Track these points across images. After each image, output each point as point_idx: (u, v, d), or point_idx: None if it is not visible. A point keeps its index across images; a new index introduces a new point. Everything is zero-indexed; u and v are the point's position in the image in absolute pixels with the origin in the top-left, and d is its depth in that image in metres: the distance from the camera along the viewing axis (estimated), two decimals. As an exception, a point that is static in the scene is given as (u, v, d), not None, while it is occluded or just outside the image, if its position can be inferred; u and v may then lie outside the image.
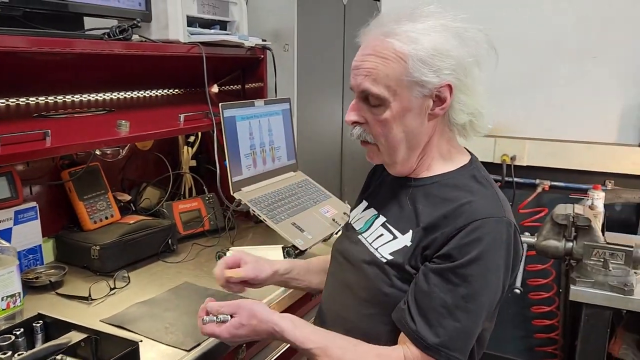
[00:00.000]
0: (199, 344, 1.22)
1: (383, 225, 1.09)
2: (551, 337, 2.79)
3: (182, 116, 1.61)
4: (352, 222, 1.20)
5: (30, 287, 1.49)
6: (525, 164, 2.74)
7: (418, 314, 0.96)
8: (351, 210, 1.25)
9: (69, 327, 1.10)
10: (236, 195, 1.71)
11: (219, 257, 1.68)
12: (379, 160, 1.09)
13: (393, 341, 1.02)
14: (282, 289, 1.46)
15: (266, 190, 1.83)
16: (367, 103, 1.02)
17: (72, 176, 1.71)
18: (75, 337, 1.07)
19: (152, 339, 1.24)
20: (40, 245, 1.62)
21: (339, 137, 2.81)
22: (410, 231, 1.02)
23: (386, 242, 1.06)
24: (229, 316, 1.06)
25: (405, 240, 1.03)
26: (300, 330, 1.03)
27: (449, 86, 0.98)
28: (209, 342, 1.23)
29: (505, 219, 0.97)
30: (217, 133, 1.73)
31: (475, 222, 0.94)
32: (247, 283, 1.24)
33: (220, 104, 1.69)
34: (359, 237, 1.13)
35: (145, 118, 1.64)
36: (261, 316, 1.04)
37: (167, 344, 1.22)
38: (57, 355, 1.04)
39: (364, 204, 1.20)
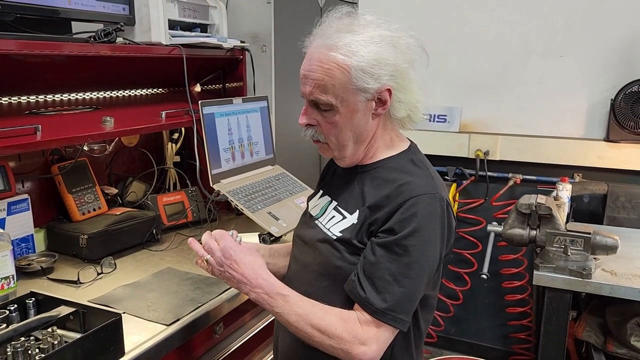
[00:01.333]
0: (178, 319, 1.34)
1: (335, 208, 1.22)
2: (524, 324, 2.92)
3: (163, 113, 1.73)
4: (310, 210, 1.32)
5: (23, 272, 1.60)
6: (498, 159, 2.86)
7: (367, 282, 1.08)
8: (309, 200, 1.37)
9: (58, 302, 1.21)
10: (215, 187, 1.83)
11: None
12: (330, 155, 1.23)
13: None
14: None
15: (244, 182, 1.95)
16: (317, 108, 1.14)
17: (61, 170, 1.81)
18: (64, 310, 1.19)
19: (135, 316, 1.36)
20: (32, 235, 1.73)
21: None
22: (357, 211, 1.15)
23: (337, 222, 1.19)
24: (240, 239, 1.22)
25: (352, 219, 1.16)
26: (276, 280, 1.17)
27: (389, 90, 1.11)
28: (188, 318, 1.35)
29: (437, 194, 1.10)
30: (197, 129, 1.85)
31: (412, 199, 1.08)
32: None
33: (199, 102, 1.80)
34: (316, 222, 1.25)
35: (129, 115, 1.75)
36: (258, 270, 1.17)
37: (148, 320, 1.34)
38: (49, 327, 1.16)
39: (320, 192, 1.34)
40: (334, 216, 1.20)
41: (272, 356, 1.38)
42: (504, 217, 2.70)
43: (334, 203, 1.24)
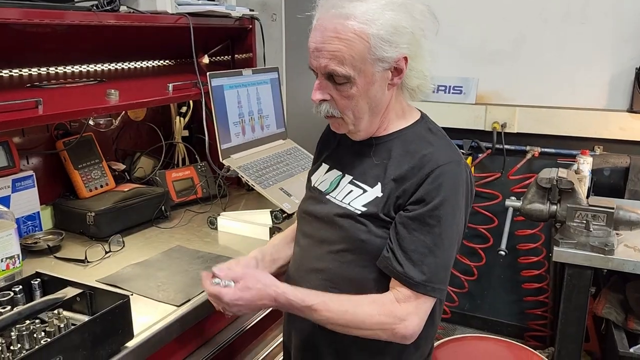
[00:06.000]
0: (189, 300, 1.29)
1: (351, 182, 1.17)
2: (541, 300, 2.87)
3: (170, 85, 1.66)
4: (316, 185, 1.26)
5: (29, 251, 1.56)
6: (515, 131, 2.78)
7: (403, 257, 1.06)
8: (311, 174, 1.31)
9: (65, 283, 1.16)
10: (225, 162, 1.77)
11: (211, 223, 1.75)
12: (344, 130, 1.17)
13: (375, 281, 1.12)
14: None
15: (255, 157, 1.89)
16: (332, 81, 1.09)
17: (66, 146, 1.76)
18: (70, 292, 1.14)
19: (145, 296, 1.31)
20: (38, 212, 1.68)
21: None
22: (379, 183, 1.12)
23: (357, 196, 1.14)
24: (232, 282, 1.11)
25: (375, 192, 1.12)
26: (300, 291, 1.11)
27: (405, 58, 1.07)
28: (199, 298, 1.30)
29: (462, 161, 1.11)
30: (206, 102, 1.78)
31: (438, 168, 1.07)
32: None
33: (208, 73, 1.73)
34: (327, 197, 1.20)
35: (135, 88, 1.68)
36: (265, 280, 1.11)
37: (158, 300, 1.29)
38: (55, 309, 1.11)
39: (325, 166, 1.27)
40: (351, 190, 1.16)
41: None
42: (521, 191, 2.63)
43: (348, 177, 1.19)
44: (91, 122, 1.84)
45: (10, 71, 1.51)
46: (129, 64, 1.92)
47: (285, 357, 1.37)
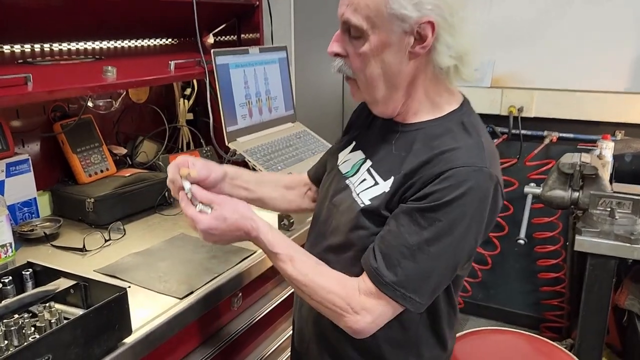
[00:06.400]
0: (192, 292, 1.20)
1: (368, 170, 1.06)
2: (557, 290, 2.78)
3: (172, 63, 1.56)
4: (339, 165, 1.15)
5: (25, 239, 1.48)
6: (532, 116, 2.68)
7: (380, 252, 0.95)
8: (338, 150, 1.20)
9: (58, 274, 1.08)
10: (231, 146, 1.68)
11: (216, 209, 1.66)
12: (359, 98, 1.05)
13: None
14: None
15: (262, 140, 1.79)
16: (349, 35, 0.98)
17: (64, 128, 1.68)
18: (63, 283, 1.06)
19: (145, 288, 1.23)
20: (35, 198, 1.60)
21: (340, 87, 2.74)
22: (392, 178, 0.99)
23: (367, 187, 1.03)
24: (209, 208, 1.02)
25: (384, 186, 1.00)
26: (274, 235, 1.03)
27: (431, 23, 0.92)
28: (203, 290, 1.22)
29: (485, 169, 0.92)
30: (210, 82, 1.68)
31: (451, 170, 0.91)
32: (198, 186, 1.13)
33: (212, 50, 1.63)
34: (347, 181, 1.10)
35: (135, 66, 1.59)
36: (243, 212, 1.02)
37: (159, 292, 1.21)
38: (46, 302, 1.03)
39: (352, 145, 1.16)
40: (365, 179, 1.05)
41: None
42: (538, 177, 2.53)
43: (368, 162, 1.07)
44: (90, 104, 1.75)
45: (1, 46, 1.41)
46: (128, 41, 1.82)
47: (294, 346, 1.27)
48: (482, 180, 0.91)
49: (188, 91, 2.08)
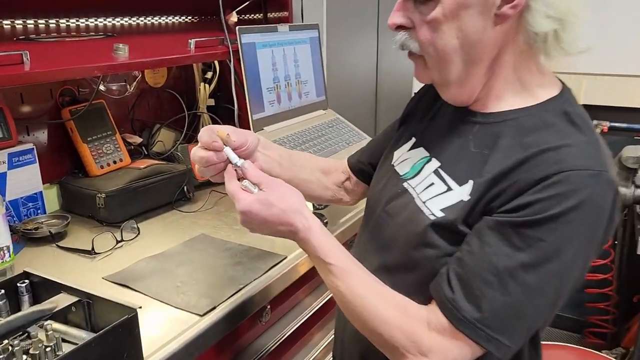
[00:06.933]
0: (214, 308, 1.03)
1: (436, 172, 0.85)
2: (604, 293, 2.57)
3: (192, 42, 1.38)
4: (395, 165, 0.95)
5: (29, 238, 1.33)
6: (581, 103, 2.45)
7: (458, 279, 0.74)
8: (393, 147, 1.00)
9: (57, 288, 0.92)
10: (258, 136, 1.49)
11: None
12: (427, 79, 0.85)
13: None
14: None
15: (292, 130, 1.61)
16: (414, 0, 0.78)
17: (73, 115, 1.51)
18: (63, 300, 0.89)
19: (160, 301, 1.06)
20: (41, 192, 1.45)
21: (374, 71, 2.54)
22: (471, 182, 0.78)
23: (438, 194, 0.82)
24: (256, 188, 0.85)
25: (461, 193, 0.78)
26: (328, 240, 0.84)
27: None
28: (226, 305, 1.05)
29: (605, 174, 0.71)
30: (234, 64, 1.50)
31: (562, 173, 0.69)
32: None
33: (237, 28, 1.44)
34: (405, 184, 0.89)
35: (150, 45, 1.41)
36: (294, 202, 0.84)
37: (176, 307, 1.04)
38: (44, 320, 0.87)
39: (412, 140, 0.96)
40: (433, 183, 0.84)
41: (333, 337, 1.07)
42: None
43: (435, 163, 0.86)
44: (102, 88, 1.58)
45: (1, 21, 1.24)
46: (143, 18, 1.63)
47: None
48: (600, 188, 0.70)
49: (209, 75, 1.90)
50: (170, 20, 1.73)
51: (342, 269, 0.82)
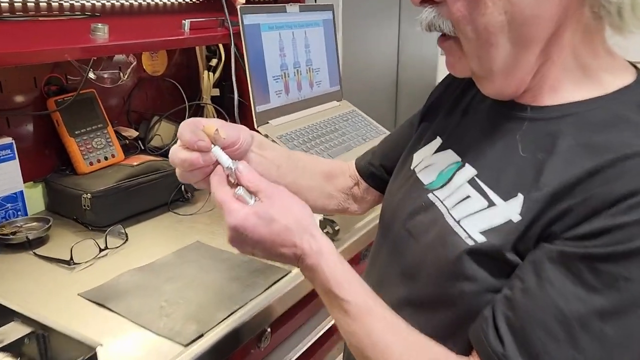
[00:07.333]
0: (201, 336, 0.87)
1: (472, 182, 0.66)
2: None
3: (186, 23, 1.22)
4: (418, 171, 0.78)
5: (5, 244, 1.19)
6: None
7: (509, 326, 0.57)
8: (413, 148, 0.82)
9: (10, 315, 0.77)
10: (262, 130, 1.33)
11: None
12: (463, 70, 0.67)
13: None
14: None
15: (301, 123, 1.44)
16: None
17: (59, 105, 1.37)
18: (14, 332, 0.75)
19: (140, 325, 0.91)
20: (21, 192, 1.31)
21: (395, 57, 2.35)
22: (521, 196, 0.60)
23: (475, 211, 0.64)
24: (253, 198, 0.68)
25: (509, 211, 0.60)
26: (343, 268, 0.67)
27: None
28: (217, 331, 0.89)
29: None
30: (236, 48, 1.33)
31: None
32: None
33: (239, 7, 1.28)
34: (430, 196, 0.71)
35: (138, 26, 1.25)
36: (301, 218, 0.67)
37: (158, 334, 0.88)
38: (-9, 355, 0.72)
39: (437, 141, 0.78)
40: (468, 196, 0.66)
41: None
42: None
43: (471, 170, 0.68)
44: (92, 76, 1.43)
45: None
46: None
47: None
48: None
49: (214, 62, 1.73)
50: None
51: (361, 309, 0.64)
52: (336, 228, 1.20)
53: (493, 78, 0.63)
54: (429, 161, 0.76)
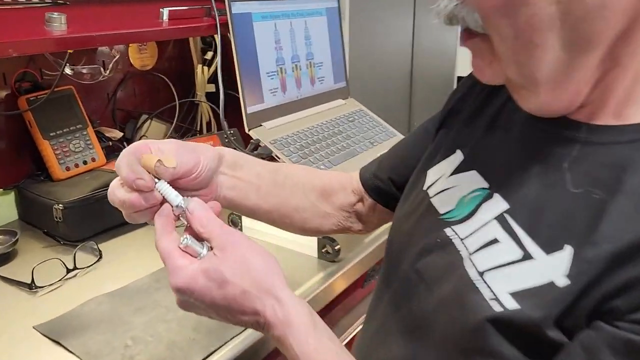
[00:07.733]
0: (165, 390, 0.74)
1: (501, 220, 0.50)
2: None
3: (165, 11, 1.07)
4: (429, 191, 0.62)
5: (-36, 262, 1.07)
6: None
7: None
8: (428, 165, 0.66)
9: None
10: (253, 134, 1.19)
11: (233, 223, 1.19)
12: (494, 76, 0.51)
13: None
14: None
15: (300, 125, 1.29)
16: None
17: (31, 104, 1.24)
18: None
19: (96, 372, 0.77)
20: (-12, 201, 1.18)
21: (409, 51, 2.19)
22: (569, 250, 0.44)
23: (506, 263, 0.48)
24: (204, 248, 0.56)
25: (552, 269, 0.45)
26: (317, 340, 0.53)
27: None
28: (186, 381, 0.75)
29: None
30: (225, 40, 1.19)
31: None
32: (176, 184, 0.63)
33: (226, -7, 1.13)
34: (447, 231, 0.56)
35: (107, 16, 1.11)
36: (264, 276, 0.55)
37: (115, 385, 0.75)
38: None
39: (458, 156, 0.62)
40: (496, 240, 0.50)
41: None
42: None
43: (500, 202, 0.52)
44: (68, 71, 1.30)
45: None
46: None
47: None
48: None
49: (209, 55, 1.60)
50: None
51: None
52: (336, 248, 1.05)
53: (537, 89, 0.47)
54: (447, 183, 0.60)
